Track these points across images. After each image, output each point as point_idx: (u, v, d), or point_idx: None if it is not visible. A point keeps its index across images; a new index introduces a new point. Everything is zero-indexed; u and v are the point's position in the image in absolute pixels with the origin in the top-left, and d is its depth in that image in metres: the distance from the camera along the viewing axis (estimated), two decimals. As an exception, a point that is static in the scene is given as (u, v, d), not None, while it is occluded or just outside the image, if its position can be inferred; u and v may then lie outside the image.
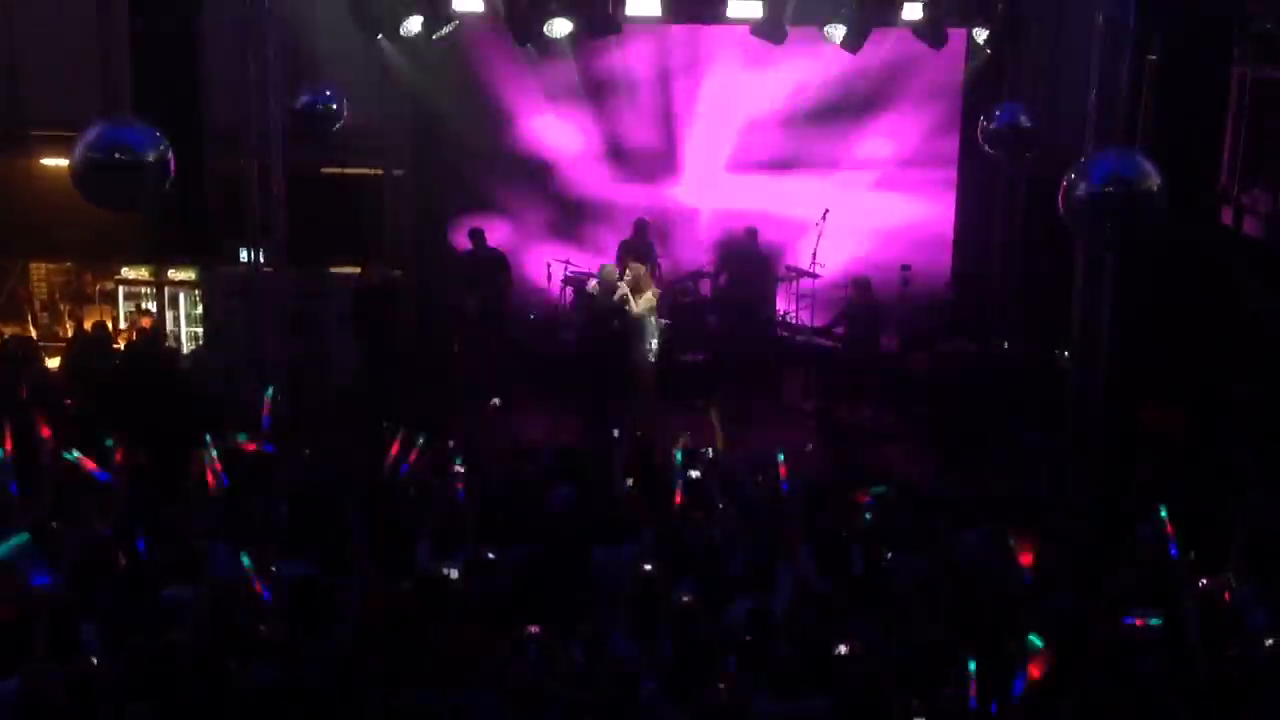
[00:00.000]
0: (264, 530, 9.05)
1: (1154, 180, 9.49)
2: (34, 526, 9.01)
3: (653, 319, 13.80)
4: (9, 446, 9.90)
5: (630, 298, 13.56)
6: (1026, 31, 14.17)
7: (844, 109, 15.95)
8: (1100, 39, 10.98)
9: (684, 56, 16.05)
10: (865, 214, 16.09)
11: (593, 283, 14.29)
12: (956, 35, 14.27)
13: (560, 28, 13.66)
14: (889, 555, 9.01)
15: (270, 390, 10.16)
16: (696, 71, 16.17)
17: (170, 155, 10.05)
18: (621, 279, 13.69)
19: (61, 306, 16.63)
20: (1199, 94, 11.94)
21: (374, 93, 15.10)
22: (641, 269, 13.91)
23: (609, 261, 14.78)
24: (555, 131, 16.30)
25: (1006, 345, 15.05)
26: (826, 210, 14.87)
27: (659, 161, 16.55)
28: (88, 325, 15.86)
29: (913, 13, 13.62)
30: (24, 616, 7.55)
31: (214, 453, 10.52)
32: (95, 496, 9.82)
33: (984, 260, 16.25)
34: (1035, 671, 6.84)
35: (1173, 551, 8.44)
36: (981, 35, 14.23)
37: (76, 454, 9.90)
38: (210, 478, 10.38)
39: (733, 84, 16.09)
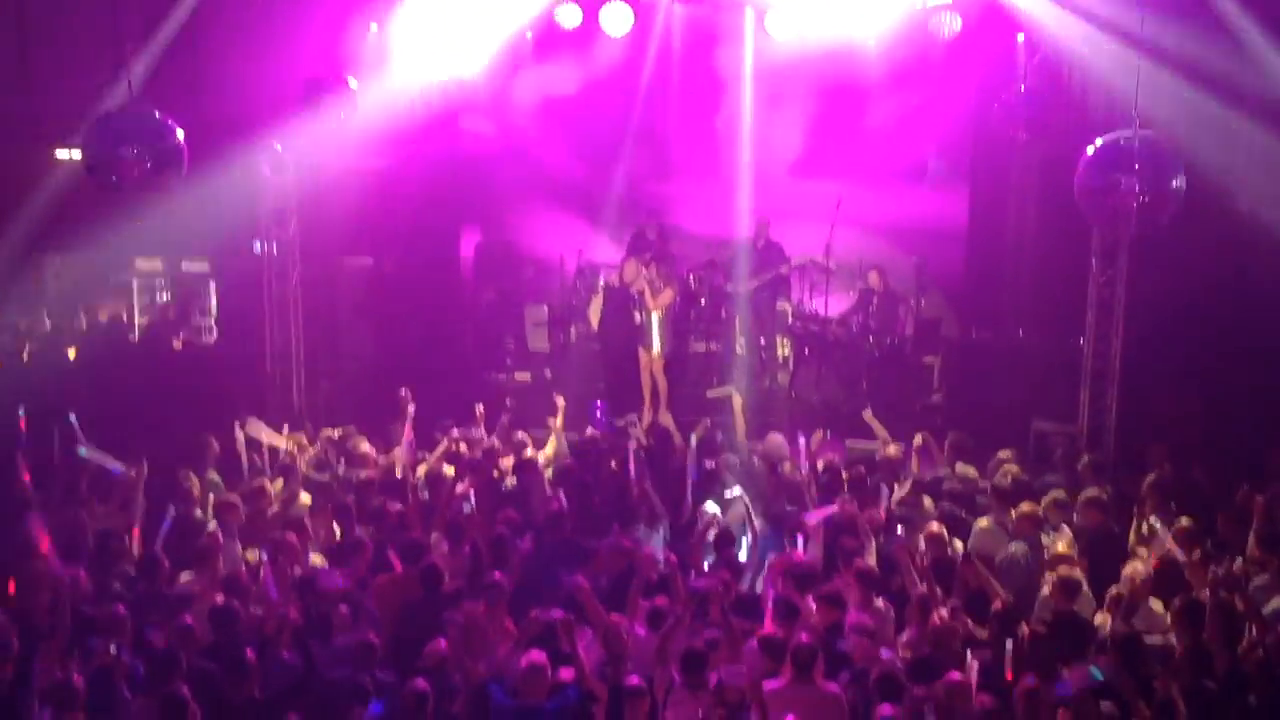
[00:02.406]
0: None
1: (1170, 167, 9.44)
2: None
3: (664, 316, 13.70)
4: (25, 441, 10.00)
5: (648, 291, 13.51)
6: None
7: (858, 100, 15.89)
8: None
9: (694, 41, 15.97)
10: (879, 203, 16.02)
11: (612, 275, 14.23)
12: (967, 23, 14.16)
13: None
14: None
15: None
16: (707, 59, 16.10)
17: (183, 146, 10.08)
18: (641, 274, 13.61)
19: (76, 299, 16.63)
20: (1216, 78, 11.89)
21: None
22: (660, 271, 13.78)
23: (623, 253, 14.76)
24: (568, 123, 16.27)
25: (1022, 334, 14.99)
26: (840, 199, 14.81)
27: (671, 152, 16.52)
28: (103, 317, 15.89)
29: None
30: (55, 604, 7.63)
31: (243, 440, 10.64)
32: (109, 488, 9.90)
33: (999, 249, 16.16)
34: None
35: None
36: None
37: (88, 449, 9.95)
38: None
39: (744, 72, 16.01)
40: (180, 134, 10.00)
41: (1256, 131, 12.20)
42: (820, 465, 10.59)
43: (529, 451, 10.95)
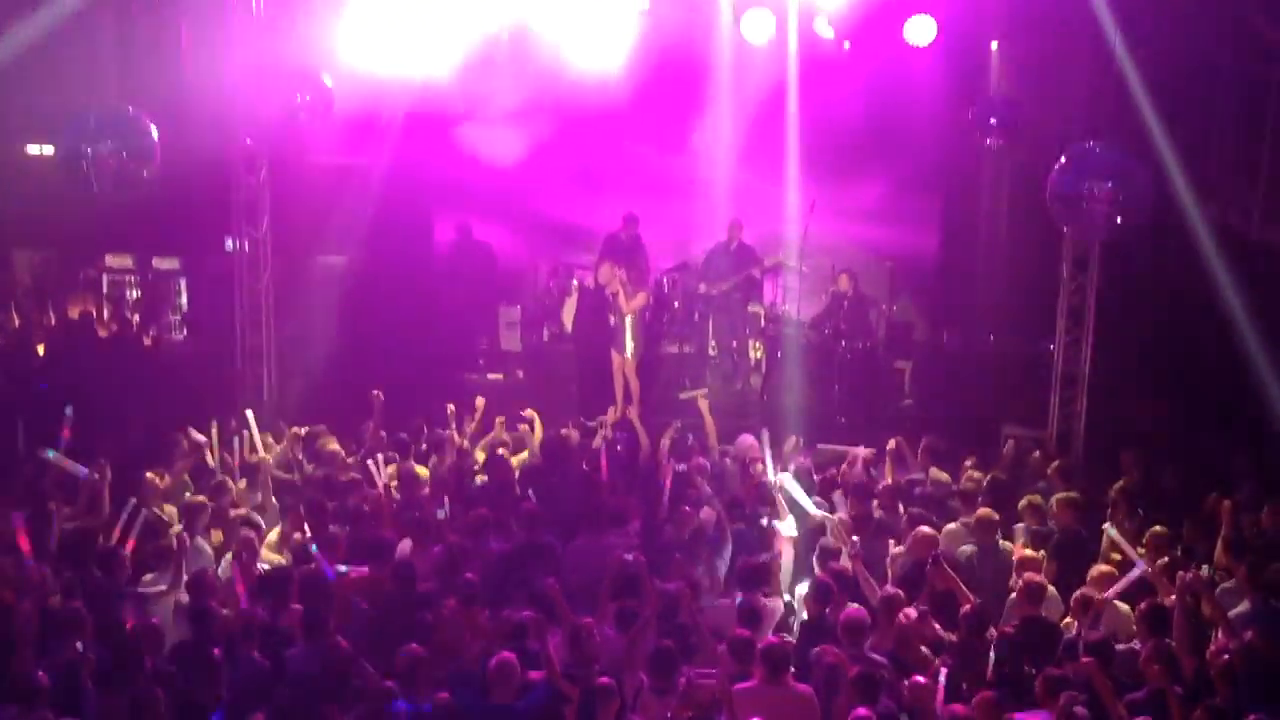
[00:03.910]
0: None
1: (1141, 173, 9.51)
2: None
3: (637, 318, 13.69)
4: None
5: (622, 294, 13.49)
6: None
7: (831, 104, 15.90)
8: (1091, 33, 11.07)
9: (668, 43, 15.91)
10: (852, 208, 16.02)
11: (586, 277, 14.21)
12: (941, 29, 14.21)
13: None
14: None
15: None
16: (681, 61, 16.05)
17: (156, 143, 10.01)
18: (615, 277, 13.59)
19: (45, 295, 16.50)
20: (1189, 88, 11.96)
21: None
22: (634, 274, 13.76)
23: (596, 254, 14.74)
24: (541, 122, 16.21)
25: (992, 339, 15.07)
26: (813, 203, 14.82)
27: (644, 155, 16.47)
28: (73, 314, 15.78)
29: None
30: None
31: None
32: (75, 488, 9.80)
33: (970, 254, 16.24)
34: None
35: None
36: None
37: (54, 452, 9.84)
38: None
39: (718, 75, 16.02)
40: (153, 130, 9.94)
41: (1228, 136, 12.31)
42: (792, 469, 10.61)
43: (503, 450, 10.95)
